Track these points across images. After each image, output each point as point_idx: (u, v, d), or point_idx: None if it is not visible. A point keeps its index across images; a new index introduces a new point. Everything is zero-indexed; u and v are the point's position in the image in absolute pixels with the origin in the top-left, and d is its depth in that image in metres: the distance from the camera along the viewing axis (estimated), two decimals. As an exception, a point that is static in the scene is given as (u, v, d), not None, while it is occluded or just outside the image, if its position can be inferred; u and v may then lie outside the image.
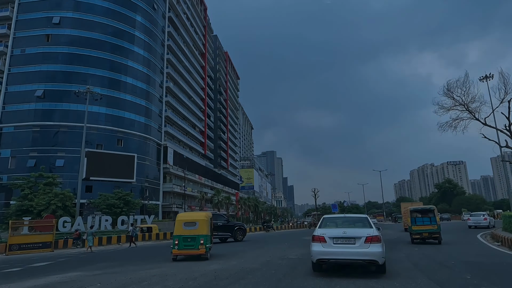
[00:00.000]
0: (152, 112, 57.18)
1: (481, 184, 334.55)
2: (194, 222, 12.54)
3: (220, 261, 10.82)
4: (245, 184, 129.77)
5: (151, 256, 14.04)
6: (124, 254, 15.93)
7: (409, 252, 11.83)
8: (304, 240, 18.92)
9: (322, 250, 7.77)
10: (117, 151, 49.88)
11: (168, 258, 12.33)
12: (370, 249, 7.50)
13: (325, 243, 7.78)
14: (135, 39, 55.34)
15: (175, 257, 12.26)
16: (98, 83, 48.80)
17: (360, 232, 7.82)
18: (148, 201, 48.46)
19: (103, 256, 15.22)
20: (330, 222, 8.99)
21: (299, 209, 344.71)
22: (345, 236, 7.76)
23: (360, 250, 7.55)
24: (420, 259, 9.98)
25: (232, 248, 16.78)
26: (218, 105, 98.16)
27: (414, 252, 11.98)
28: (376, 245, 7.54)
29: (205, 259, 12.07)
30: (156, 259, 12.47)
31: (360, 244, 7.59)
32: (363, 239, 7.59)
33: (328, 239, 7.79)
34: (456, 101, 20.11)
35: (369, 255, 7.49)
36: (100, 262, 12.25)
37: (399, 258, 10.62)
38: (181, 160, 64.93)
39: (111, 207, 33.50)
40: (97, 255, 15.98)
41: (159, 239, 26.17)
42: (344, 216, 9.69)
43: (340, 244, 7.72)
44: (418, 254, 11.49)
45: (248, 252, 13.69)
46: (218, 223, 20.79)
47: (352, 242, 7.66)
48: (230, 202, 53.32)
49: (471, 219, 28.81)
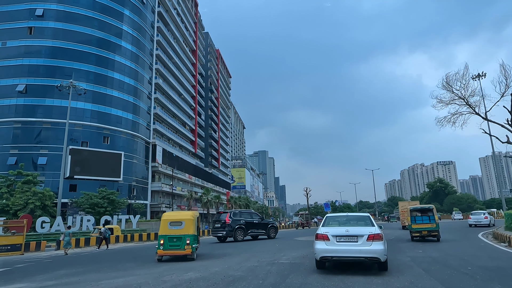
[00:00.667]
0: (140, 109, 55.47)
1: (470, 184, 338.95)
2: (180, 222, 12.27)
3: (201, 267, 9.46)
4: (236, 183, 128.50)
5: (123, 261, 12.62)
6: (95, 258, 14.47)
7: (414, 255, 10.73)
8: (296, 242, 17.76)
9: (326, 248, 7.95)
10: (103, 148, 48.13)
11: (141, 263, 11.15)
12: (372, 247, 7.65)
13: (328, 241, 7.98)
14: (122, 33, 53.58)
15: (160, 257, 11.97)
16: (83, 78, 47.04)
17: (363, 231, 7.97)
18: (135, 200, 46.79)
19: (71, 260, 13.76)
20: (333, 220, 9.09)
21: (291, 208, 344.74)
22: (348, 234, 7.93)
23: (363, 248, 7.70)
24: (430, 264, 8.87)
25: (219, 249, 15.58)
26: (209, 103, 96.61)
27: (418, 254, 10.90)
28: (378, 243, 7.69)
29: (191, 260, 11.80)
30: (126, 265, 11.09)
31: (362, 242, 7.75)
32: (365, 237, 7.75)
33: (331, 237, 7.98)
34: (455, 94, 19.21)
35: (371, 253, 7.65)
36: (62, 269, 10.83)
37: (405, 261, 9.52)
38: (171, 159, 63.36)
39: (95, 206, 31.92)
40: (67, 259, 14.53)
41: (142, 240, 24.74)
42: (347, 215, 9.71)
43: (343, 242, 7.90)
44: (425, 257, 10.39)
45: (235, 255, 12.47)
46: (254, 221, 22.05)
47: (355, 240, 7.83)
48: (220, 202, 51.91)
49: (471, 218, 29.08)
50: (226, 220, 20.72)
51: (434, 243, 14.76)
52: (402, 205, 34.06)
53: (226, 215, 21.39)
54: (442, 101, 19.57)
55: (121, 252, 17.38)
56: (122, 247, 20.34)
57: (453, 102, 19.38)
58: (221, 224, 20.93)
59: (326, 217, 9.42)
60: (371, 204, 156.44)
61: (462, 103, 19.19)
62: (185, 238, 11.88)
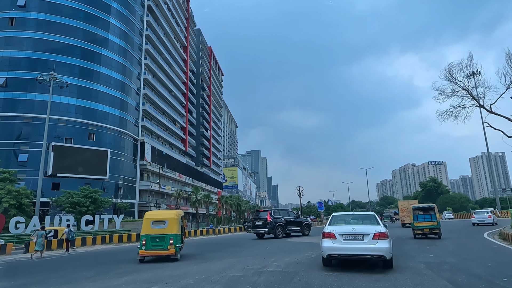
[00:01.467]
0: (128, 105, 53.58)
1: (460, 184, 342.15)
2: (163, 221, 11.95)
3: (170, 279, 7.57)
4: (228, 183, 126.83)
5: (84, 268, 10.76)
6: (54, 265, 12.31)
7: (427, 261, 9.38)
8: (289, 244, 16.18)
9: (332, 246, 8.07)
10: (88, 145, 46.22)
11: (102, 272, 9.52)
12: (378, 245, 7.74)
13: (335, 239, 8.09)
14: (110, 26, 51.62)
15: (142, 258, 11.60)
16: (67, 71, 45.06)
17: (368, 229, 8.07)
18: (120, 199, 44.95)
19: (27, 267, 11.88)
20: (339, 219, 9.18)
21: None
22: (354, 233, 8.02)
23: (369, 246, 7.80)
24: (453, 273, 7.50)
25: (204, 251, 14.10)
26: (201, 101, 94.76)
27: (431, 259, 9.57)
28: (384, 241, 7.78)
29: (175, 260, 11.45)
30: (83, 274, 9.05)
31: (368, 240, 7.85)
32: (371, 236, 7.85)
33: (338, 236, 8.09)
34: (458, 85, 18.03)
35: (377, 251, 7.73)
36: (14, 278, 9.21)
37: (418, 268, 8.23)
38: (160, 157, 61.56)
39: (76, 205, 30.08)
40: (23, 265, 12.59)
41: (122, 242, 23.06)
42: (353, 213, 9.74)
43: (350, 240, 8.01)
44: (441, 263, 9.08)
45: (217, 260, 10.95)
46: (291, 219, 22.99)
47: (361, 238, 7.93)
48: (210, 201, 50.27)
49: (475, 217, 29.41)
50: (268, 218, 21.65)
51: (442, 245, 13.42)
52: (401, 204, 35.82)
53: (266, 213, 22.57)
54: (444, 93, 18.42)
55: (90, 256, 15.48)
56: (96, 250, 18.48)
57: (456, 94, 18.27)
58: (262, 222, 21.84)
59: (333, 215, 9.51)
60: (364, 204, 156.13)
61: (465, 95, 18.08)
62: (168, 238, 11.53)
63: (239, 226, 37.25)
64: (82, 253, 16.74)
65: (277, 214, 22.69)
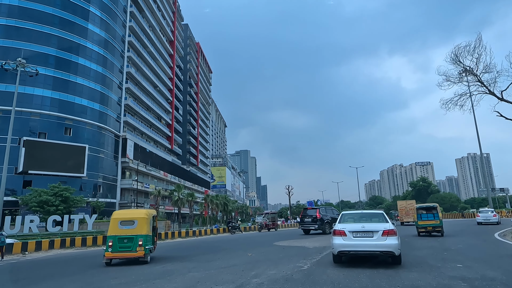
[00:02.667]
0: (109, 99, 50.65)
1: (446, 184, 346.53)
2: (132, 221, 11.26)
3: None
4: (217, 182, 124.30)
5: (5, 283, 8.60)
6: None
7: (453, 275, 7.34)
8: (276, 250, 13.67)
9: (343, 243, 8.28)
10: (65, 141, 43.26)
11: None
12: (387, 242, 7.93)
13: (345, 237, 8.29)
14: (89, 15, 48.66)
15: (109, 261, 10.87)
16: (42, 61, 42.00)
17: (378, 226, 8.24)
18: (97, 198, 42.14)
19: None
20: (348, 217, 9.31)
21: (273, 208, 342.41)
22: (364, 230, 8.24)
23: (378, 242, 7.98)
24: None
25: (165, 260, 11.81)
26: (188, 98, 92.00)
27: (459, 273, 7.53)
28: (393, 238, 7.98)
29: (144, 263, 10.80)
30: None
31: (377, 237, 8.03)
32: (381, 233, 8.03)
33: (348, 233, 8.30)
34: (467, 70, 16.15)
35: (386, 247, 7.94)
36: None
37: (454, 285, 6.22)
38: (144, 154, 58.78)
39: (44, 204, 27.31)
40: None
41: (85, 245, 20.46)
42: (361, 212, 9.86)
43: (360, 237, 8.21)
44: (479, 278, 7.08)
45: (178, 275, 8.35)
46: (335, 216, 23.69)
47: (370, 236, 8.12)
48: (194, 200, 47.71)
49: (480, 216, 29.61)
50: (317, 215, 23.23)
51: (461, 251, 11.37)
52: (400, 204, 38.28)
53: (315, 211, 24.04)
54: (450, 79, 16.58)
55: (36, 265, 12.49)
56: (51, 256, 15.43)
57: (462, 81, 16.47)
58: (312, 219, 23.32)
59: (342, 214, 9.62)
60: (353, 204, 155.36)
61: (473, 80, 16.26)
62: (137, 239, 10.87)
63: (223, 227, 34.83)
64: (29, 261, 13.71)
65: (324, 211, 24.34)
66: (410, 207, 35.88)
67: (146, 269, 9.77)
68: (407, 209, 36.14)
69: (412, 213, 35.44)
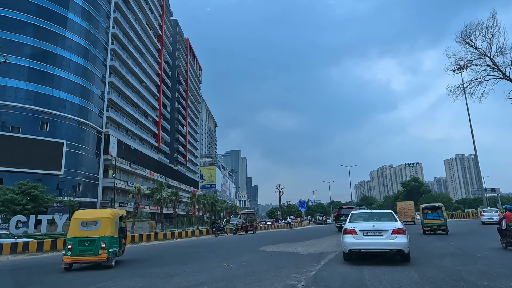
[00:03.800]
0: (90, 93, 47.91)
1: (435, 185, 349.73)
2: (94, 221, 10.56)
3: None
4: (206, 182, 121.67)
5: None
6: None
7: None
8: (262, 255, 11.75)
9: (354, 241, 8.49)
10: (41, 136, 40.48)
11: None
12: (397, 240, 8.16)
13: (356, 235, 8.50)
14: (69, 3, 45.91)
15: (68, 265, 10.09)
16: (15, 51, 39.24)
17: (387, 225, 8.48)
18: (74, 197, 39.47)
19: None
20: (358, 217, 9.50)
21: (263, 209, 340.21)
22: (374, 229, 8.46)
23: (388, 241, 8.21)
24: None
25: (139, 268, 9.69)
26: (177, 95, 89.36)
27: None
28: (402, 236, 8.22)
29: (108, 267, 10.09)
30: None
31: (387, 235, 8.26)
32: (390, 231, 8.27)
33: (359, 232, 8.51)
34: (479, 52, 14.33)
35: (396, 245, 8.15)
36: None
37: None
38: (128, 152, 56.10)
39: (9, 203, 24.72)
40: None
41: (42, 250, 18.01)
42: (370, 211, 10.03)
43: (370, 236, 8.41)
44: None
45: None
46: None
47: (380, 234, 8.35)
48: (179, 199, 45.31)
49: (484, 215, 29.75)
50: None
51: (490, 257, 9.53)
52: (399, 205, 40.36)
53: (350, 210, 24.82)
54: (459, 63, 14.73)
55: None
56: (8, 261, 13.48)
57: (473, 64, 14.60)
58: None
59: (352, 213, 9.76)
60: (343, 204, 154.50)
61: (485, 64, 14.40)
62: (99, 241, 10.14)
63: (206, 229, 32.42)
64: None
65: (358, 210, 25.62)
66: (409, 208, 39.01)
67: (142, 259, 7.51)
68: (406, 210, 38.65)
69: (410, 213, 38.54)
